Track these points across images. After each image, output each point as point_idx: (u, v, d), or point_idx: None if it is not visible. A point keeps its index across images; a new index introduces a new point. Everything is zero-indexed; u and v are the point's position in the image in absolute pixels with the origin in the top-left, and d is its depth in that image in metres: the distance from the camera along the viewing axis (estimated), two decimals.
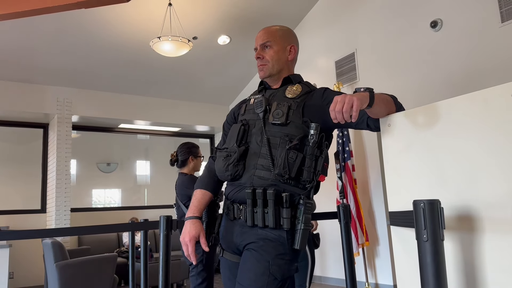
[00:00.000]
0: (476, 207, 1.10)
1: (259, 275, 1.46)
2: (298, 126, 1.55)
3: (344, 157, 5.20)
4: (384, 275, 5.17)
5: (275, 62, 1.69)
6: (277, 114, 1.56)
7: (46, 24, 5.44)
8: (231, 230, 1.61)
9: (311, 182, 1.51)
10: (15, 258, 6.27)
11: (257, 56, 1.72)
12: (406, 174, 1.28)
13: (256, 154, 1.57)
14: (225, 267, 1.67)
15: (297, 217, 1.49)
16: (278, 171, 1.49)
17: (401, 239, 1.27)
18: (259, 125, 1.60)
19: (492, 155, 1.09)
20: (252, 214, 1.51)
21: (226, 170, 1.60)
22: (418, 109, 1.26)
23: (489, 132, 1.09)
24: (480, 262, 1.09)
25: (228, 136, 1.70)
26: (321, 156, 1.53)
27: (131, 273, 3.67)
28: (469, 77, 4.29)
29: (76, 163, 7.56)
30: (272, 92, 1.70)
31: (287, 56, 1.73)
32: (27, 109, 6.52)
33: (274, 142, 1.55)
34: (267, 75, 1.70)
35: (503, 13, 4.06)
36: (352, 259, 1.88)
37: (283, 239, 1.49)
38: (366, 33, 5.56)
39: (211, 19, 5.98)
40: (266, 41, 1.71)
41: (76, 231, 3.27)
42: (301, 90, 1.64)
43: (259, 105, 1.63)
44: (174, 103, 7.84)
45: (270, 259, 1.47)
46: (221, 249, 1.69)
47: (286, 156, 1.49)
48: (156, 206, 7.85)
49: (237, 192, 1.59)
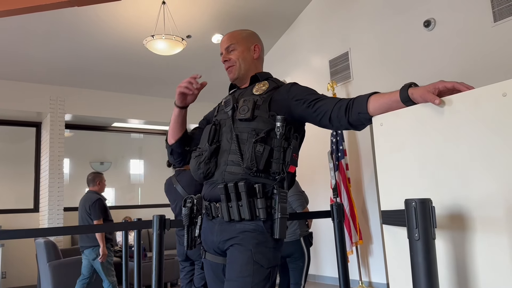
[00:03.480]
0: (468, 206, 1.11)
1: (244, 265, 1.48)
2: (265, 121, 1.58)
3: (338, 156, 5.21)
4: (377, 273, 5.19)
5: (241, 61, 1.76)
6: (243, 110, 1.60)
7: (39, 22, 5.40)
8: (211, 229, 1.62)
9: (280, 174, 1.53)
10: (8, 258, 6.23)
11: (223, 60, 1.79)
12: (398, 173, 1.28)
13: (227, 151, 1.60)
14: (208, 268, 1.67)
15: (272, 207, 1.51)
16: (246, 165, 1.52)
17: (393, 237, 1.28)
18: (229, 123, 1.64)
19: (484, 154, 1.09)
20: (227, 209, 1.53)
21: (198, 168, 1.63)
22: (410, 108, 1.26)
23: (481, 131, 1.10)
24: (471, 260, 1.09)
25: (202, 137, 1.73)
26: (290, 147, 1.55)
27: (125, 272, 3.66)
28: (461, 77, 4.31)
29: (69, 162, 7.52)
30: (241, 92, 1.76)
31: (252, 55, 1.79)
32: (19, 107, 6.47)
33: (243, 137, 1.57)
34: (236, 76, 1.77)
35: (495, 12, 4.09)
36: (345, 258, 1.89)
37: (261, 228, 1.51)
38: (360, 32, 5.57)
39: (205, 17, 5.96)
40: (230, 43, 1.78)
41: (69, 230, 3.26)
42: (268, 86, 1.69)
43: (227, 104, 1.68)
44: (168, 102, 7.81)
45: (252, 247, 1.49)
46: (203, 251, 1.70)
47: (253, 150, 1.52)
48: (149, 205, 7.83)
49: (211, 189, 1.61)
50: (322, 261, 5.90)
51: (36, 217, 6.82)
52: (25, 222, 6.66)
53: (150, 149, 8.51)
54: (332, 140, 5.31)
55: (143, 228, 2.49)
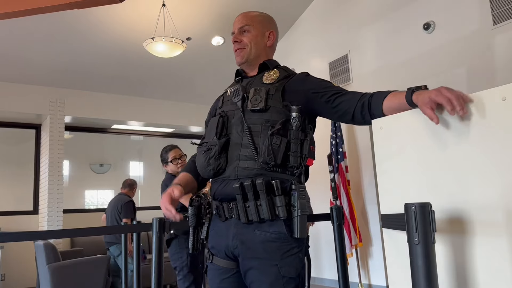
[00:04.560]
0: (467, 210, 1.11)
1: (273, 283, 1.39)
2: (279, 111, 1.47)
3: (338, 158, 5.21)
4: (377, 275, 5.19)
5: (253, 46, 1.63)
6: (255, 100, 1.48)
7: (39, 24, 5.41)
8: (224, 232, 1.49)
9: (298, 168, 1.44)
10: (7, 260, 6.22)
11: (234, 40, 1.64)
12: (398, 176, 1.28)
13: (238, 145, 1.47)
14: (215, 274, 1.54)
15: (292, 204, 1.40)
16: (263, 159, 1.40)
17: (393, 241, 1.28)
18: (238, 115, 1.51)
19: (483, 158, 1.09)
20: (244, 209, 1.41)
21: (208, 165, 1.50)
22: (410, 112, 1.26)
23: (480, 135, 1.10)
24: (471, 264, 1.09)
25: (207, 130, 1.61)
26: (306, 139, 1.46)
27: (124, 274, 3.66)
28: (461, 80, 4.31)
29: (69, 164, 7.51)
30: (249, 80, 1.62)
31: (266, 42, 1.67)
32: (19, 109, 6.47)
33: (256, 129, 1.46)
34: (244, 60, 1.63)
35: (495, 15, 4.09)
36: (345, 261, 1.88)
37: (284, 236, 1.41)
38: (359, 35, 5.58)
39: (205, 20, 5.97)
40: (245, 24, 1.64)
41: (69, 233, 3.26)
42: (279, 75, 1.57)
43: (236, 94, 1.54)
44: (168, 104, 7.82)
45: (277, 262, 1.40)
46: (210, 255, 1.56)
47: (270, 143, 1.40)
48: (149, 208, 7.82)
49: (223, 187, 1.48)
50: (321, 264, 5.89)
51: (36, 219, 6.81)
52: (25, 224, 6.65)
53: (149, 151, 8.50)
54: (332, 142, 5.31)
55: (143, 231, 2.49)
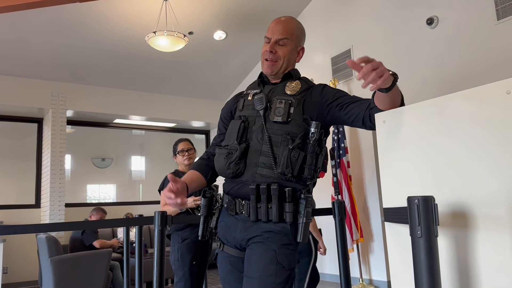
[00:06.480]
0: (470, 204, 1.11)
1: (267, 264, 1.48)
2: (299, 124, 1.56)
3: (340, 154, 5.21)
4: (378, 271, 5.19)
5: (285, 61, 1.67)
6: (279, 112, 1.56)
7: (41, 18, 5.40)
8: (234, 225, 1.60)
9: (312, 179, 1.55)
10: (9, 253, 6.25)
11: (270, 49, 1.64)
12: (401, 170, 1.28)
13: (258, 152, 1.57)
14: (225, 261, 1.65)
15: (299, 211, 1.52)
16: (281, 170, 1.51)
17: (395, 235, 1.27)
18: (260, 122, 1.59)
19: (487, 152, 1.09)
20: (255, 209, 1.53)
21: (228, 168, 1.59)
22: (413, 105, 1.26)
23: (484, 129, 1.10)
24: (474, 259, 1.09)
25: (228, 132, 1.68)
26: (321, 153, 1.55)
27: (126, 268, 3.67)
28: (465, 74, 4.30)
29: (71, 158, 7.52)
30: (272, 88, 1.67)
31: (295, 57, 1.73)
32: (21, 103, 6.47)
33: (276, 140, 1.55)
34: (274, 73, 1.67)
35: (498, 10, 4.07)
36: (346, 256, 1.89)
37: (287, 231, 1.52)
38: (362, 30, 5.56)
39: (207, 14, 5.95)
40: (284, 37, 1.66)
41: (71, 226, 3.27)
42: (301, 86, 1.64)
43: (259, 102, 1.61)
44: (170, 99, 7.81)
45: (276, 248, 1.50)
46: (220, 243, 1.67)
47: (289, 155, 1.50)
48: (151, 202, 7.83)
49: (239, 188, 1.59)
50: (322, 259, 5.90)
51: (38, 213, 6.83)
52: (27, 218, 6.67)
53: (151, 145, 8.51)
54: (334, 137, 5.30)
55: (145, 224, 2.49)
